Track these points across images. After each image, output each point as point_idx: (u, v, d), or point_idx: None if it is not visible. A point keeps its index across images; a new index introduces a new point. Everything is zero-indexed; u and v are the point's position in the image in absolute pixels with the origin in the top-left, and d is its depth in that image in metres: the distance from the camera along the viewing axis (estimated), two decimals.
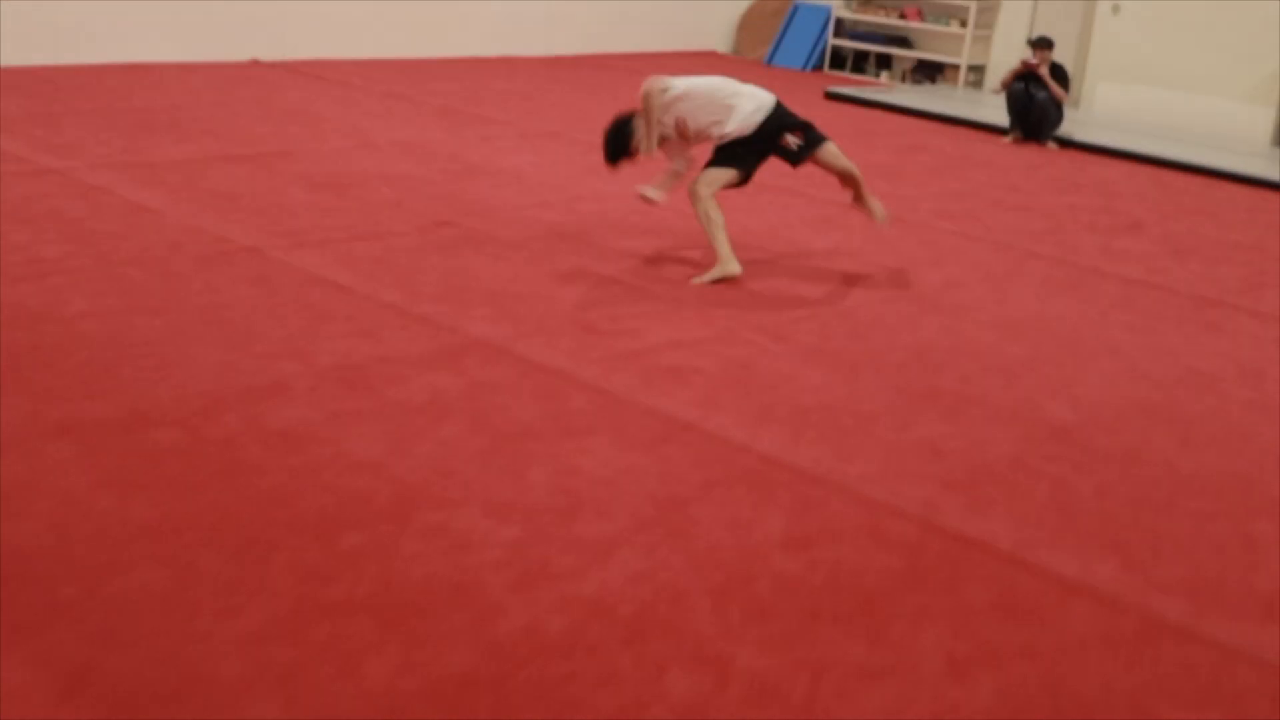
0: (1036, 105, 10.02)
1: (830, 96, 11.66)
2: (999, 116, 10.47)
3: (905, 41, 13.77)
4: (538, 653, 2.61)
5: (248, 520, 3.04)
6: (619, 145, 5.42)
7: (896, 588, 3.04)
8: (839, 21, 14.05)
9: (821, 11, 14.09)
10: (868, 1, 14.05)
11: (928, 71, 13.65)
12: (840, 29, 14.05)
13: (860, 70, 13.96)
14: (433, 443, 3.55)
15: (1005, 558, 3.24)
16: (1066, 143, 10.16)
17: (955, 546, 3.28)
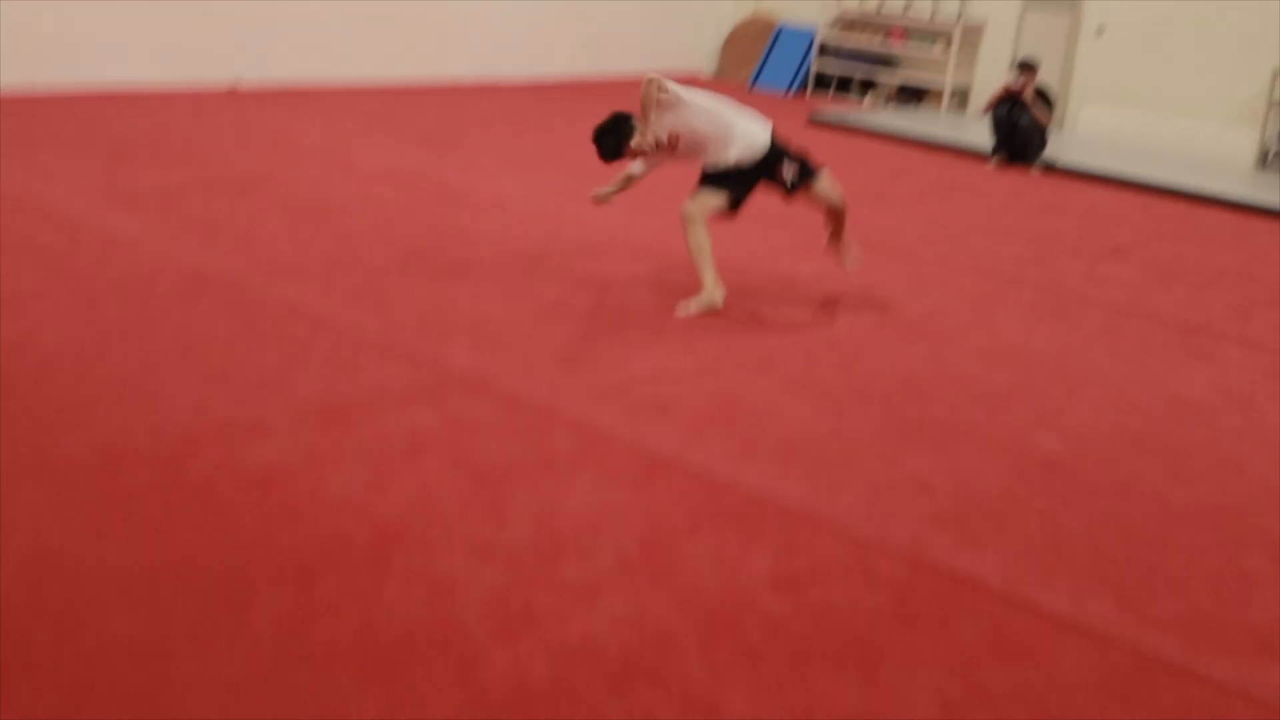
0: (1021, 129, 10.03)
1: (814, 121, 11.65)
2: (983, 140, 10.48)
3: (889, 64, 13.79)
4: (523, 701, 2.55)
5: (224, 564, 2.98)
6: (617, 141, 5.27)
7: (887, 628, 2.99)
8: (823, 44, 14.06)
9: (805, 34, 14.11)
10: (852, 24, 14.07)
11: (912, 95, 13.66)
12: (824, 51, 14.06)
13: (844, 93, 13.97)
14: (413, 482, 3.49)
15: (997, 596, 3.19)
16: (1051, 166, 10.17)
17: (946, 585, 3.23)
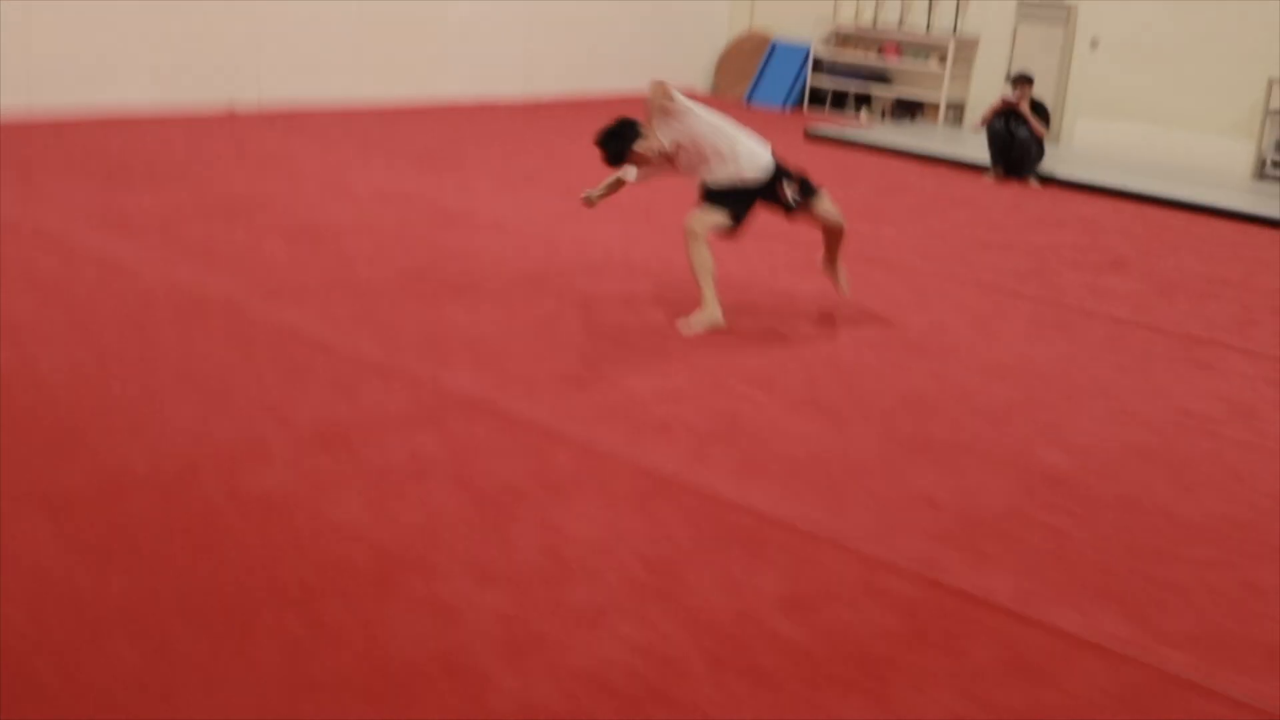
0: (1018, 142, 10.03)
1: (810, 136, 11.66)
2: (980, 154, 10.48)
3: (884, 79, 13.79)
4: None
5: (228, 591, 2.94)
6: (621, 145, 5.21)
7: (897, 649, 2.96)
8: (818, 59, 14.07)
9: (800, 50, 14.12)
10: (846, 39, 14.08)
11: (907, 109, 13.67)
12: (819, 67, 14.07)
13: (839, 108, 13.97)
14: (416, 506, 3.46)
15: (1007, 614, 3.16)
16: (1048, 179, 10.17)
17: (955, 603, 3.20)
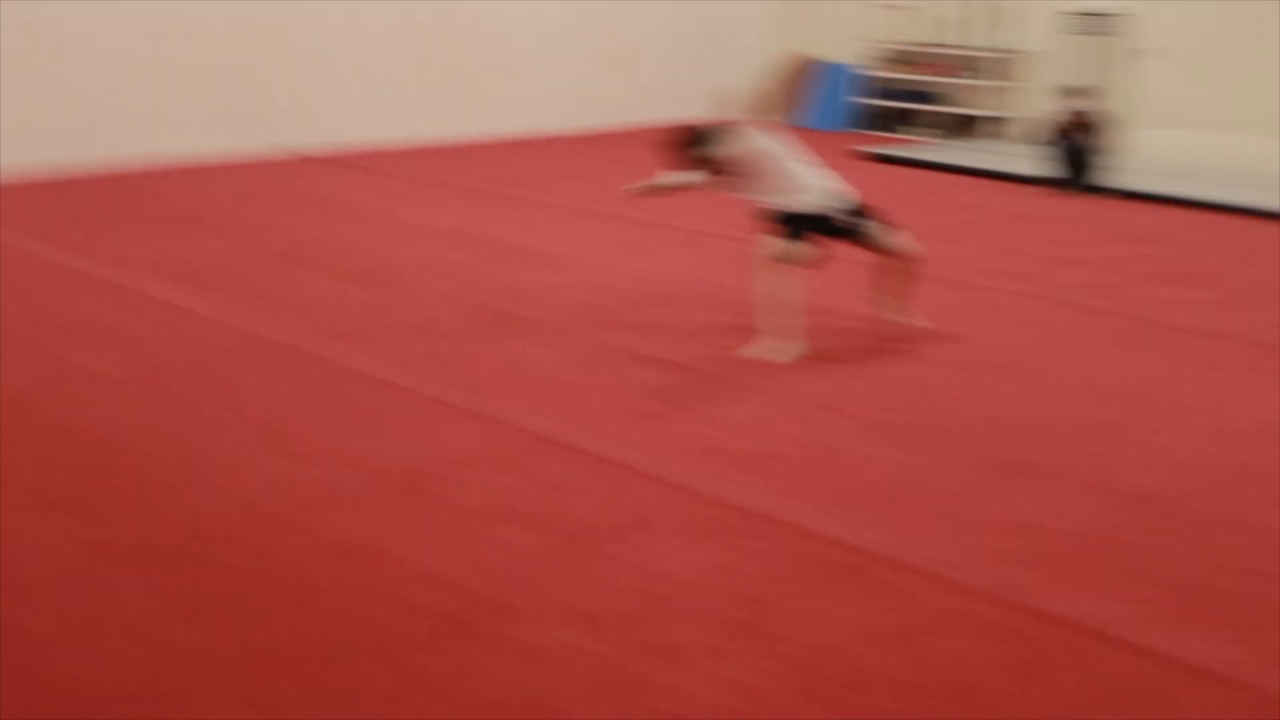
0: (1081, 154, 9.89)
1: (864, 157, 11.57)
2: (1042, 168, 10.34)
3: (936, 97, 13.69)
4: None
5: (316, 644, 2.91)
6: (700, 143, 5.29)
7: (994, 679, 2.87)
8: (868, 79, 14.00)
9: (850, 71, 14.05)
10: (898, 59, 13.99)
11: (963, 126, 13.55)
12: (870, 87, 13.99)
13: (893, 128, 13.87)
14: (497, 548, 3.41)
15: (1105, 640, 3.06)
16: (1115, 191, 10.01)
17: (1051, 630, 3.10)
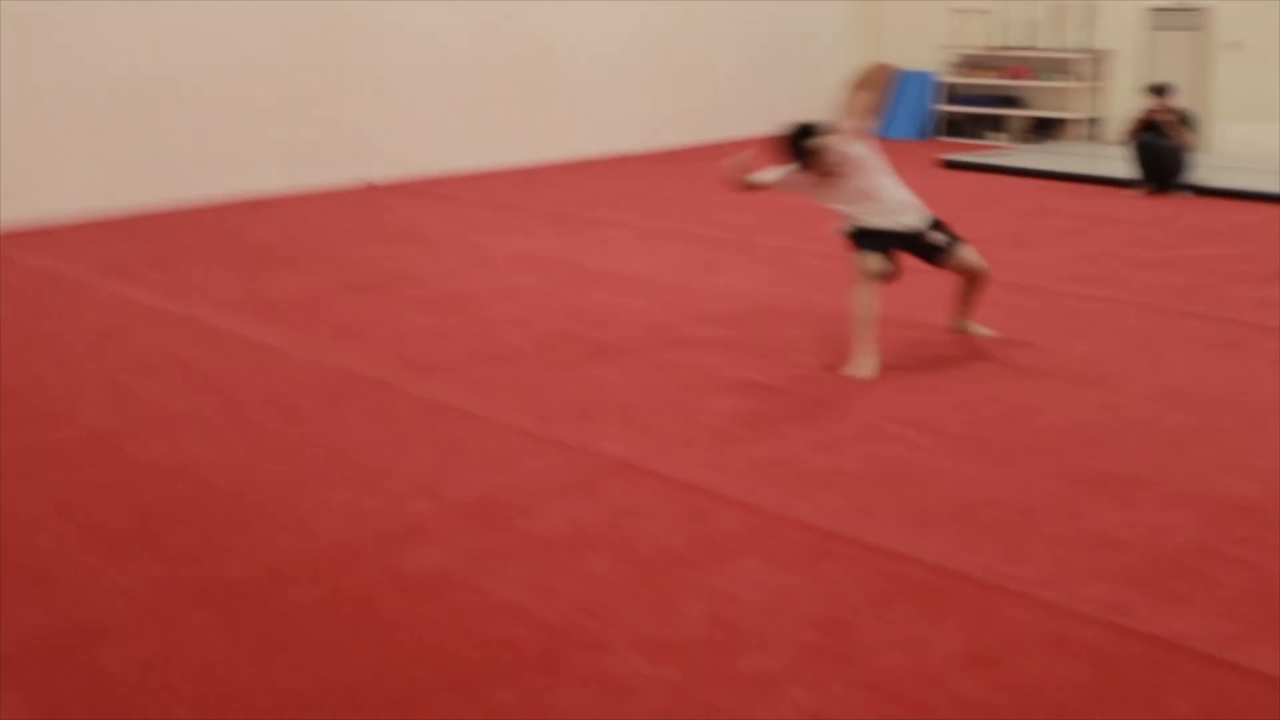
0: (1164, 154, 9.70)
1: (946, 165, 11.44)
2: (1125, 169, 10.15)
3: (1017, 101, 13.51)
4: None
5: (393, 680, 2.90)
6: (809, 132, 5.29)
7: (1090, 703, 2.78)
8: (947, 87, 13.87)
9: (928, 78, 13.92)
10: (975, 64, 13.84)
11: (1044, 129, 13.36)
12: (949, 94, 13.86)
13: (973, 134, 13.71)
14: (577, 579, 3.39)
15: (1206, 659, 2.96)
16: (1199, 190, 9.79)
17: (1148, 650, 3.01)
